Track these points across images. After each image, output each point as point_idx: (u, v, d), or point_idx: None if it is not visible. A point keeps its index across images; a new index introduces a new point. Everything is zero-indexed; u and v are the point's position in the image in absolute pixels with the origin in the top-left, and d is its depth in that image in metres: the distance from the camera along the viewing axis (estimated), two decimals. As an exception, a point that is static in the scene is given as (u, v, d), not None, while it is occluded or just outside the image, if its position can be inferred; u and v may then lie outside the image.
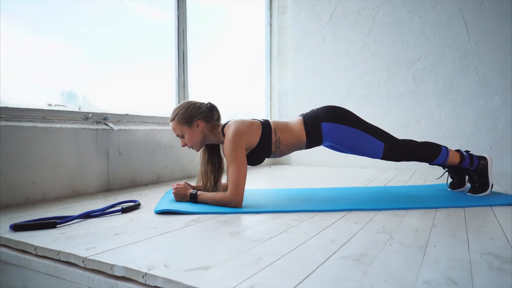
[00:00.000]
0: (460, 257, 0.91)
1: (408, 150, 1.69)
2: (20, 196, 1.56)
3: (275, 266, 0.84)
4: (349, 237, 1.09)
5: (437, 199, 1.70)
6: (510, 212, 1.43)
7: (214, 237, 1.09)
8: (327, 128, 1.62)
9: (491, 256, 0.92)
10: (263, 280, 0.76)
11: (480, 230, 1.17)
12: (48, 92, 1.95)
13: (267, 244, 1.02)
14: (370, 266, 0.84)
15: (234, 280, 0.75)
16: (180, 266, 0.83)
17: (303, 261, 0.87)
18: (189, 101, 1.65)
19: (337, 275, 0.79)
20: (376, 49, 3.14)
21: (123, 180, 2.04)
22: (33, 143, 1.62)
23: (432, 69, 2.93)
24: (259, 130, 1.61)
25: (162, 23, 2.63)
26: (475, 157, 1.76)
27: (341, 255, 0.92)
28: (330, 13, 3.33)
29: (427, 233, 1.14)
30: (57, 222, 1.20)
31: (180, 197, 1.60)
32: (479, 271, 0.82)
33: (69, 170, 1.77)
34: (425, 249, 0.98)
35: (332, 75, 3.34)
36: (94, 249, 0.96)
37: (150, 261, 0.86)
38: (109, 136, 1.97)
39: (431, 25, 2.92)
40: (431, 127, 2.94)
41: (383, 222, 1.28)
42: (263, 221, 1.30)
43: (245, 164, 1.52)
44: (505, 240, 1.06)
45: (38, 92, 1.93)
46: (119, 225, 1.22)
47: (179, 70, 2.61)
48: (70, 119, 1.86)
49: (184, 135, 1.63)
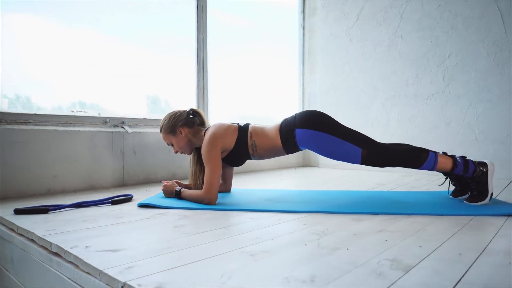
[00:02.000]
0: (359, 261, 0.93)
1: (390, 156, 1.64)
2: (43, 188, 1.89)
3: (177, 257, 0.95)
4: (276, 235, 1.15)
5: (426, 206, 1.63)
6: (501, 223, 1.34)
7: (157, 228, 1.23)
8: (301, 134, 1.65)
9: (390, 261, 0.92)
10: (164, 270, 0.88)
11: (427, 239, 1.12)
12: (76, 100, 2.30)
13: (195, 237, 1.13)
14: (273, 256, 0.91)
15: (128, 262, 0.89)
16: (97, 247, 0.99)
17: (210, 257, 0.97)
18: (171, 112, 1.83)
19: (252, 272, 0.88)
20: (403, 48, 2.99)
21: (137, 177, 2.30)
22: (55, 143, 1.94)
23: (464, 66, 2.70)
24: (235, 134, 1.71)
25: (184, 31, 2.86)
26: (472, 164, 1.63)
27: (258, 250, 1.00)
28: (357, 13, 3.26)
29: (365, 236, 1.15)
30: (49, 209, 1.45)
31: (167, 193, 1.78)
32: (363, 274, 0.84)
33: (86, 167, 2.07)
34: (336, 251, 1.01)
35: (358, 76, 3.26)
36: (53, 230, 1.17)
37: (80, 243, 1.03)
38: (124, 138, 2.24)
39: (462, 18, 2.70)
40: (462, 129, 2.72)
41: (333, 225, 1.30)
42: (219, 217, 1.40)
43: (219, 165, 1.64)
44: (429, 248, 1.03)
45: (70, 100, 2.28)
46: (94, 214, 1.43)
47: (198, 76, 2.81)
48: (90, 123, 2.17)
49: (172, 143, 1.81)
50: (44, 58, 2.15)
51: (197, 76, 2.81)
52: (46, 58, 2.15)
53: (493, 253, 0.99)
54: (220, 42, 3.07)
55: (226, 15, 3.23)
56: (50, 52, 2.17)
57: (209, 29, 2.85)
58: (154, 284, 0.75)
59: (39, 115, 1.97)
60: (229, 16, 3.27)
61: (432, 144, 2.82)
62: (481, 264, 0.90)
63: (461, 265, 0.89)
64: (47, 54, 2.16)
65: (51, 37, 2.16)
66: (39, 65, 2.16)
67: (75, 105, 2.36)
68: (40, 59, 2.14)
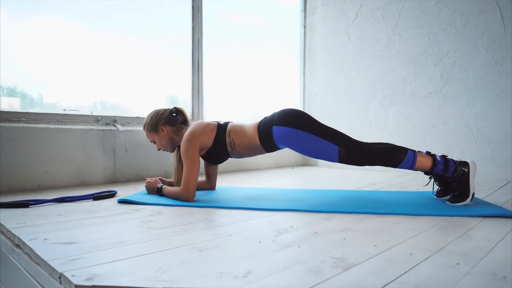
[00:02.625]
0: (303, 258, 0.93)
1: (367, 154, 1.62)
2: (33, 183, 1.96)
3: (127, 250, 0.98)
4: (236, 232, 1.16)
5: (404, 206, 1.60)
6: (474, 224, 1.31)
7: (123, 223, 1.27)
8: (278, 132, 1.65)
9: (335, 259, 0.91)
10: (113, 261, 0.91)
11: (387, 239, 1.11)
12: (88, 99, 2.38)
13: (155, 232, 1.16)
14: (210, 251, 0.93)
15: (79, 253, 0.92)
16: (55, 240, 1.03)
17: (159, 251, 1.00)
18: (155, 110, 1.86)
19: (190, 267, 0.90)
20: (401, 45, 2.94)
21: (129, 173, 2.36)
22: (46, 141, 2.01)
23: (462, 64, 2.63)
24: (214, 132, 1.73)
25: (179, 31, 2.90)
26: (452, 163, 1.60)
27: (197, 246, 1.01)
28: (356, 10, 3.22)
29: (325, 235, 1.14)
30: (30, 203, 1.51)
31: (150, 190, 1.82)
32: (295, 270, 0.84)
33: (78, 164, 2.13)
34: (287, 248, 1.01)
35: (357, 75, 3.22)
36: (24, 223, 1.22)
37: (41, 236, 1.07)
38: (115, 135, 2.29)
39: (461, 15, 2.63)
40: (460, 128, 2.65)
41: (300, 223, 1.30)
42: (191, 214, 1.43)
43: (196, 163, 1.66)
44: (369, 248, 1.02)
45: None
46: (71, 209, 1.48)
47: (193, 76, 2.85)
48: (82, 121, 2.23)
49: (154, 140, 1.85)
50: (63, 60, 2.27)
51: (192, 76, 2.84)
52: (63, 60, 2.27)
53: (446, 254, 0.97)
54: (219, 40, 3.10)
55: (226, 12, 3.25)
56: (66, 53, 2.28)
57: (208, 27, 2.87)
58: (87, 276, 0.78)
59: (31, 113, 2.05)
60: (229, 14, 3.29)
61: (430, 144, 2.77)
62: (426, 265, 0.89)
63: (405, 265, 0.88)
64: (64, 55, 2.27)
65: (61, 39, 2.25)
66: (63, 67, 2.28)
67: (96, 105, 2.47)
68: (61, 60, 2.26)
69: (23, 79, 2.21)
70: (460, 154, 2.61)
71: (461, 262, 0.90)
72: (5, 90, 2.17)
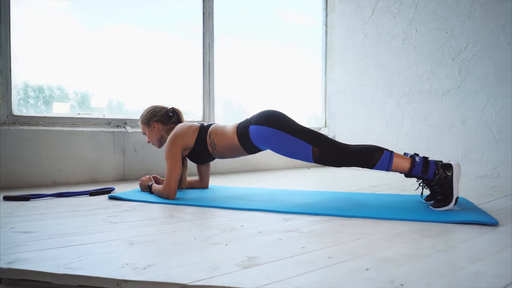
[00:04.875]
0: (220, 256, 0.97)
1: (342, 155, 1.58)
2: (49, 180, 2.20)
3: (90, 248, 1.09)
4: (184, 229, 1.23)
5: (381, 210, 1.54)
6: (447, 230, 1.25)
7: (90, 217, 1.39)
8: (254, 131, 1.68)
9: (247, 258, 0.94)
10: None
11: (326, 241, 1.11)
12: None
13: (107, 226, 1.26)
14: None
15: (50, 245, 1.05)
16: (19, 229, 1.17)
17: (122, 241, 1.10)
18: (153, 105, 1.99)
19: (103, 257, 0.99)
20: (418, 40, 2.78)
21: (138, 172, 2.53)
22: (61, 142, 2.24)
23: (482, 57, 2.43)
24: (196, 133, 1.81)
25: (190, 36, 3.03)
26: (433, 165, 1.51)
27: (170, 241, 1.10)
28: (373, 6, 3.11)
29: (267, 236, 1.17)
30: (30, 197, 1.71)
31: (143, 187, 1.95)
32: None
33: (89, 163, 2.34)
34: (215, 245, 1.05)
35: (373, 73, 3.11)
36: (10, 214, 1.40)
37: (11, 225, 1.23)
38: (125, 137, 2.48)
39: (480, 4, 2.43)
40: (479, 127, 2.44)
41: (258, 223, 1.33)
42: (163, 211, 1.52)
43: (178, 163, 1.75)
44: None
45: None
46: (61, 203, 1.65)
47: (204, 78, 2.96)
48: (94, 124, 2.44)
49: (146, 133, 1.98)
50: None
51: (203, 79, 2.96)
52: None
53: (364, 259, 0.94)
54: (234, 39, 3.18)
55: (242, 9, 3.33)
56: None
57: (222, 27, 2.97)
58: (11, 259, 0.89)
59: (48, 117, 2.29)
60: (245, 13, 3.36)
61: (448, 145, 2.59)
62: (334, 267, 0.88)
63: (310, 266, 0.88)
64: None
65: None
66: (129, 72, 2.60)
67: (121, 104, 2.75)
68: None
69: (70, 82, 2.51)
70: (480, 155, 2.41)
71: (373, 268, 0.88)
72: (79, 96, 2.51)
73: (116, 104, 2.75)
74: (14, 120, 2.18)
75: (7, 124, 2.14)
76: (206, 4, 2.93)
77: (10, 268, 0.84)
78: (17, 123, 2.18)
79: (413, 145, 2.80)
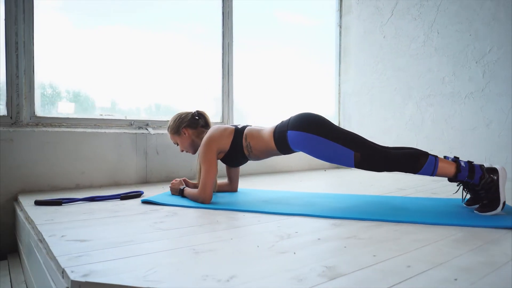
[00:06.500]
0: (293, 265, 0.93)
1: (385, 160, 1.56)
2: (72, 183, 2.14)
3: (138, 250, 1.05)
4: (239, 236, 1.19)
5: (425, 214, 1.52)
6: (495, 236, 1.23)
7: (137, 223, 1.35)
8: (292, 137, 1.65)
9: (325, 268, 0.91)
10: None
11: (391, 249, 1.08)
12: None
13: (161, 233, 1.22)
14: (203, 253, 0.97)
15: (89, 249, 1.01)
16: (71, 237, 1.13)
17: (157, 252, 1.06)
18: (178, 113, 1.95)
19: (179, 269, 0.95)
20: (440, 43, 2.78)
21: (160, 174, 2.48)
22: (83, 144, 2.18)
23: (507, 60, 2.43)
24: (231, 136, 1.77)
25: (209, 37, 2.98)
26: (479, 169, 1.50)
27: (193, 249, 1.06)
28: (392, 7, 3.10)
29: (326, 242, 1.14)
30: (63, 201, 1.66)
31: (174, 191, 1.91)
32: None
33: (112, 165, 2.29)
34: (282, 254, 1.02)
35: (392, 75, 3.10)
36: (51, 220, 1.35)
37: (60, 232, 1.18)
38: (147, 138, 2.43)
39: (505, 7, 2.43)
40: (504, 130, 2.45)
41: (307, 229, 1.30)
42: (203, 216, 1.48)
43: (213, 167, 1.71)
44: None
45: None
46: (97, 208, 1.60)
47: (223, 80, 2.92)
48: (116, 125, 2.39)
49: (177, 142, 1.94)
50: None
51: (222, 80, 2.92)
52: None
53: (447, 268, 0.92)
54: (250, 40, 3.14)
55: (259, 9, 3.29)
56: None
57: (238, 27, 2.93)
58: (85, 272, 0.85)
59: (71, 118, 2.23)
60: (262, 11, 3.32)
61: (470, 147, 2.59)
62: (420, 278, 0.85)
63: (397, 277, 0.85)
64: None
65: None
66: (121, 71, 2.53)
67: (151, 108, 2.70)
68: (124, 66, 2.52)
69: (85, 84, 2.45)
70: (504, 159, 2.41)
71: (461, 278, 0.85)
72: (71, 94, 2.42)
73: (135, 109, 2.70)
74: (37, 121, 2.11)
75: (30, 126, 2.08)
76: (226, 3, 2.89)
77: (89, 281, 0.80)
78: (40, 125, 2.12)
79: (433, 147, 2.79)
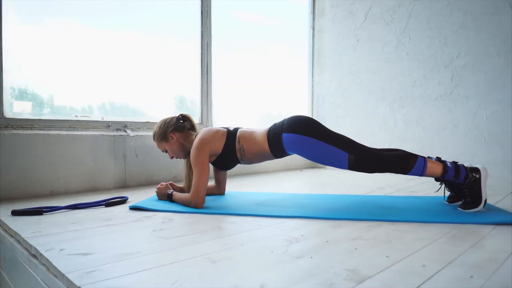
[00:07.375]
0: (316, 270, 0.93)
1: (377, 162, 1.61)
2: (46, 189, 1.99)
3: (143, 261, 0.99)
4: (248, 242, 1.17)
5: (415, 213, 1.59)
6: (486, 232, 1.30)
7: (136, 232, 1.28)
8: (287, 139, 1.66)
9: (348, 272, 0.92)
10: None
11: (399, 248, 1.11)
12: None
13: (167, 242, 1.17)
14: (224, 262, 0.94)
15: (98, 263, 0.94)
16: (71, 251, 1.05)
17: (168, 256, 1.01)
18: (162, 119, 1.88)
19: (204, 280, 0.91)
20: (411, 48, 2.92)
21: (139, 178, 2.38)
22: (58, 147, 2.04)
23: (474, 66, 2.60)
24: (223, 138, 1.74)
25: (188, 36, 2.91)
26: (463, 169, 1.59)
27: (206, 254, 1.02)
28: (365, 12, 3.20)
29: (337, 244, 1.15)
30: (44, 210, 1.54)
31: (160, 195, 1.83)
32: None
33: (89, 169, 2.16)
34: (299, 259, 1.02)
35: (366, 77, 3.21)
36: (39, 232, 1.24)
37: (57, 246, 1.09)
38: (126, 141, 2.32)
39: (473, 16, 2.60)
40: (470, 131, 2.62)
41: (310, 231, 1.30)
42: (201, 221, 1.44)
43: (206, 170, 1.67)
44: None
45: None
46: (84, 216, 1.50)
47: (202, 80, 2.86)
48: (93, 127, 2.26)
49: (166, 149, 1.87)
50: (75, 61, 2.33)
51: (201, 80, 2.86)
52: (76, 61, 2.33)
53: (459, 266, 0.96)
54: (226, 40, 3.10)
55: (235, 11, 3.26)
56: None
57: (215, 26, 2.88)
58: (104, 289, 0.79)
59: (44, 120, 2.08)
60: (237, 13, 3.29)
61: (440, 147, 2.74)
62: (440, 278, 0.89)
63: (418, 278, 0.88)
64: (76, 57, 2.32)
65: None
66: (71, 67, 2.33)
67: (105, 106, 2.52)
68: (70, 61, 2.32)
69: (33, 81, 2.24)
70: (471, 157, 2.59)
71: (475, 275, 0.90)
72: (17, 92, 2.21)
73: (109, 107, 2.56)
74: (7, 123, 1.94)
75: (-2, 128, 1.91)
76: (204, 3, 2.83)
77: (114, 299, 0.75)
78: (9, 127, 1.95)
79: (405, 147, 2.91)
